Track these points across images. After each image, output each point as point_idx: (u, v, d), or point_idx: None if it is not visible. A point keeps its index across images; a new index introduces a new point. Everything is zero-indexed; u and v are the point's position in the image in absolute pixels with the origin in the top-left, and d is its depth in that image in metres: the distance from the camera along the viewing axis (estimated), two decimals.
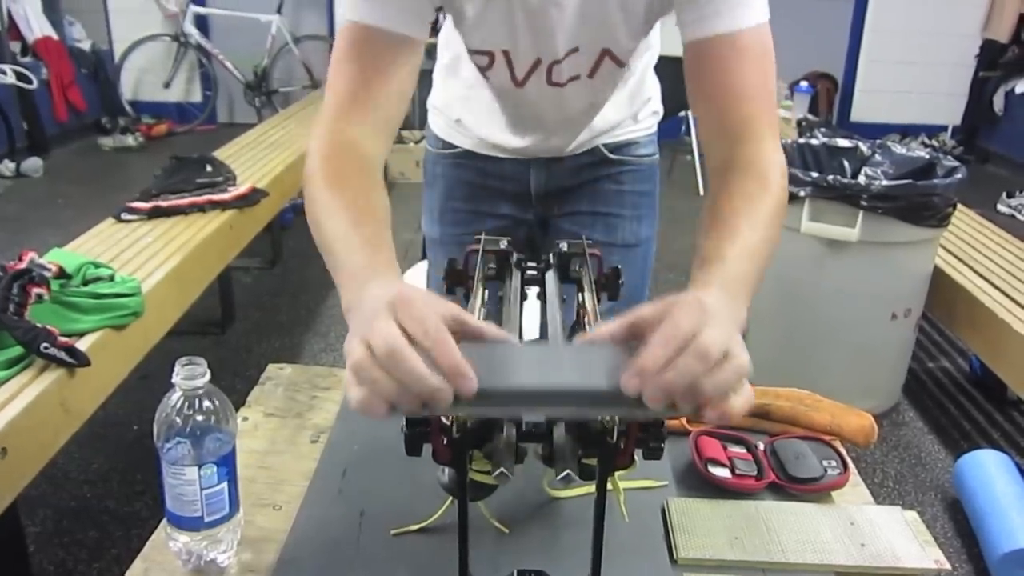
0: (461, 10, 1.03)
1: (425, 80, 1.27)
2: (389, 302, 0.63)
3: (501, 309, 0.94)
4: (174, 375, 0.79)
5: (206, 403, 0.80)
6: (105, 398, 1.81)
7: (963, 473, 2.19)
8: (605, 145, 1.32)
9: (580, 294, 0.97)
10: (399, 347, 0.60)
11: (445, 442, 0.69)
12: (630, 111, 1.31)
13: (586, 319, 0.91)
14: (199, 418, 0.79)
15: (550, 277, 1.00)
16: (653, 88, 1.35)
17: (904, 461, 2.46)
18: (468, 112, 1.31)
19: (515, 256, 1.04)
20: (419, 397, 0.60)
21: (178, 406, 0.79)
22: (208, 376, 0.80)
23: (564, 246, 1.04)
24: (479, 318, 0.88)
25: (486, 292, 0.96)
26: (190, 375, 0.79)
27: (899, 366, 2.70)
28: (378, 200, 0.88)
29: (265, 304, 3.42)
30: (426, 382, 0.59)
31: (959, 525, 2.16)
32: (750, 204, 0.85)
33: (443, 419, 0.69)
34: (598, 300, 0.97)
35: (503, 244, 1.03)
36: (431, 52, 1.24)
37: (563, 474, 0.63)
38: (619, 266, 1.03)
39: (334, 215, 0.85)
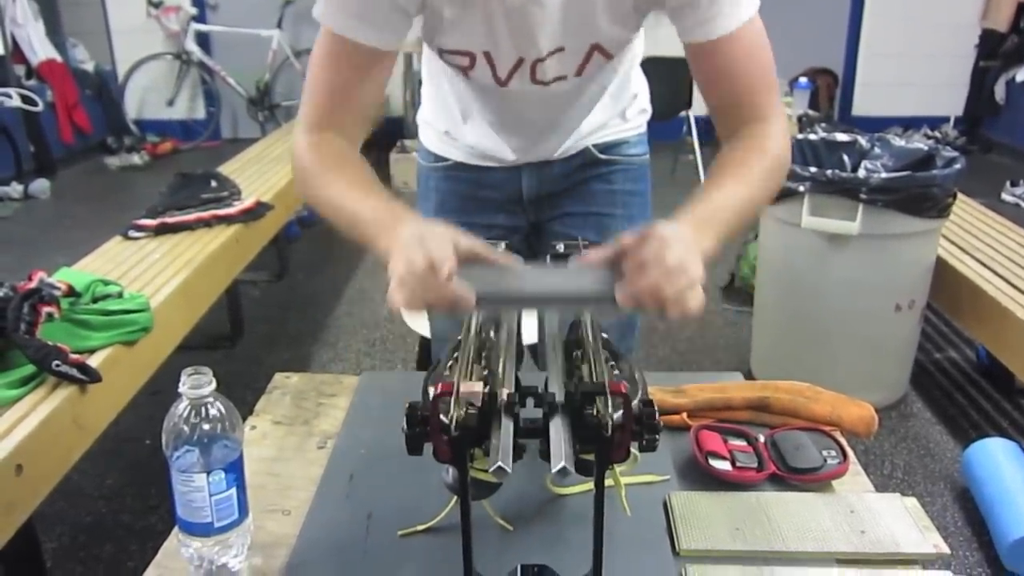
0: (439, 12, 1.04)
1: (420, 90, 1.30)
2: (420, 236, 0.81)
3: (500, 311, 0.96)
4: (180, 385, 0.81)
5: (212, 411, 0.82)
6: (117, 414, 1.83)
7: (971, 462, 2.19)
8: (595, 146, 1.33)
9: None
10: (425, 271, 0.78)
11: (445, 440, 0.71)
12: (616, 109, 1.32)
13: (583, 318, 0.93)
14: (206, 426, 0.81)
15: None
16: (639, 85, 1.36)
17: (912, 452, 2.46)
18: (456, 124, 1.32)
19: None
20: (447, 302, 0.79)
21: (185, 415, 0.81)
22: (214, 385, 0.82)
23: (560, 247, 1.05)
24: (477, 323, 0.90)
25: None
26: (196, 384, 0.81)
27: (905, 358, 2.70)
28: (372, 175, 1.01)
29: (273, 317, 3.45)
30: (448, 293, 0.79)
31: (968, 514, 2.16)
32: (740, 165, 1.01)
33: (442, 418, 0.71)
34: None
35: (500, 248, 1.05)
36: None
37: (559, 467, 0.64)
38: None
39: (345, 192, 0.98)
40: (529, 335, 1.12)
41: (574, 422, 0.71)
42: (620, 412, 0.70)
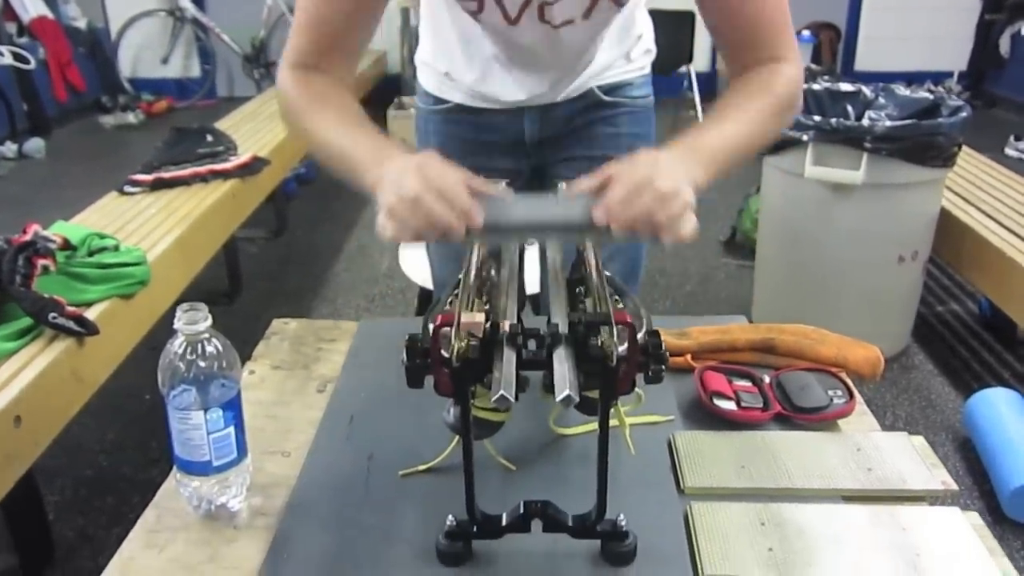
0: None
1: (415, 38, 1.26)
2: (415, 163, 0.80)
3: (501, 250, 0.94)
4: (175, 320, 0.79)
5: (209, 348, 0.80)
6: (116, 367, 1.83)
7: (973, 411, 2.18)
8: (599, 87, 1.30)
9: None
10: (423, 194, 0.77)
11: (447, 373, 0.69)
12: (621, 50, 1.29)
13: (586, 256, 0.91)
14: (202, 363, 0.80)
15: None
16: (644, 25, 1.32)
17: (914, 403, 2.46)
18: (457, 64, 1.28)
19: None
20: (438, 230, 0.77)
21: (181, 351, 0.79)
22: (210, 321, 0.80)
23: (563, 186, 1.03)
24: (478, 259, 0.88)
25: None
26: (192, 320, 0.79)
27: (908, 309, 2.69)
28: (360, 111, 0.98)
29: (272, 273, 3.43)
30: (443, 219, 0.77)
31: (970, 464, 2.16)
32: (744, 101, 0.98)
33: (443, 352, 0.69)
34: None
35: (501, 186, 1.02)
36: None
37: (563, 395, 0.63)
38: None
39: (330, 126, 0.95)
40: (531, 284, 1.10)
41: (578, 353, 0.69)
42: (625, 342, 0.68)
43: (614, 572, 0.77)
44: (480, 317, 0.70)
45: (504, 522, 0.77)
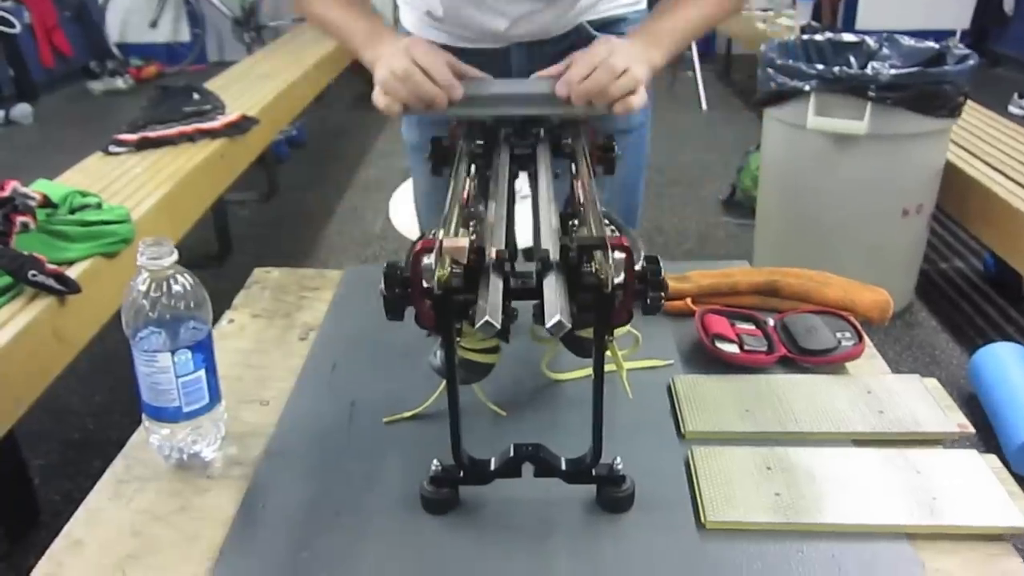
0: None
1: None
2: (405, 46, 0.96)
3: (489, 188, 0.88)
4: (138, 256, 0.73)
5: (175, 287, 0.75)
6: (100, 328, 1.77)
7: (979, 366, 2.14)
8: (590, 22, 1.23)
9: (573, 165, 0.91)
10: (411, 69, 0.94)
11: (428, 304, 0.64)
12: None
13: (580, 189, 0.86)
14: (169, 302, 0.74)
15: (541, 151, 0.94)
16: None
17: (918, 360, 2.41)
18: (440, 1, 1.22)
19: (503, 132, 0.97)
20: (424, 100, 0.95)
21: (145, 289, 0.74)
22: (176, 256, 0.74)
23: (554, 119, 0.98)
24: (465, 194, 0.83)
25: (472, 166, 0.90)
26: (156, 255, 0.73)
27: (912, 264, 2.63)
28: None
29: (263, 236, 3.37)
30: (429, 91, 0.94)
31: (976, 420, 2.11)
32: None
33: (424, 281, 0.64)
34: (593, 172, 0.91)
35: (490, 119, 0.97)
36: None
37: (554, 321, 0.57)
38: (612, 136, 0.98)
39: (336, 9, 1.09)
40: (522, 240, 1.05)
41: (571, 281, 0.64)
42: (622, 269, 0.63)
43: (611, 519, 0.73)
44: (464, 242, 0.64)
45: (493, 467, 0.73)
